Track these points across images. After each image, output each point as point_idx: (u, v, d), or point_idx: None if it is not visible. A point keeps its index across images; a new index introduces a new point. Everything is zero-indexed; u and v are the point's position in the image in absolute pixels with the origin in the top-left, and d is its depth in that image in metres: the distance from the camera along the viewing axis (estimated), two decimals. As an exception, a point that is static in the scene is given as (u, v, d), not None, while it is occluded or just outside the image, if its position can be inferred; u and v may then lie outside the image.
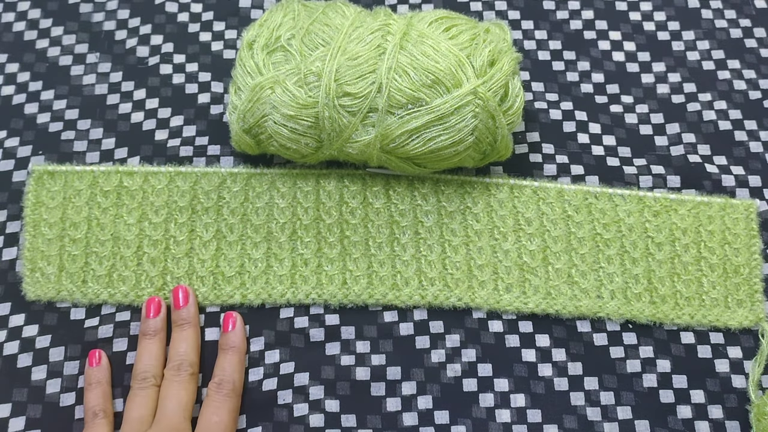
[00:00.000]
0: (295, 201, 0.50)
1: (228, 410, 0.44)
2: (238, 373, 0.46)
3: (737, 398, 0.47)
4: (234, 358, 0.46)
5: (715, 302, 0.49)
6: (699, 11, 0.59)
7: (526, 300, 0.49)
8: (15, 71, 0.55)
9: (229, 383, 0.45)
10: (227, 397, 0.44)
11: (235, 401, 0.45)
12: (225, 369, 0.45)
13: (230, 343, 0.46)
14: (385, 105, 0.45)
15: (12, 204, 0.51)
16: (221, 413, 0.44)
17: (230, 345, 0.46)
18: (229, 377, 0.45)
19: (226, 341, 0.47)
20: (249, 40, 0.47)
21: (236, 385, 0.45)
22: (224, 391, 0.45)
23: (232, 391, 0.45)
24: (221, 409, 0.44)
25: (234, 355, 0.46)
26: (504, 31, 0.48)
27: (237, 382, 0.45)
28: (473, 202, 0.51)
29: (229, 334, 0.47)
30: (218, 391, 0.45)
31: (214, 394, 0.45)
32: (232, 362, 0.46)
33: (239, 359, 0.46)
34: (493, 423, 0.46)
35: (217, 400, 0.44)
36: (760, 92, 0.56)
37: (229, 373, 0.45)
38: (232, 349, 0.46)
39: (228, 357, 0.46)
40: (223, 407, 0.44)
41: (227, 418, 0.44)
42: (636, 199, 0.51)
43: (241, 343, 0.47)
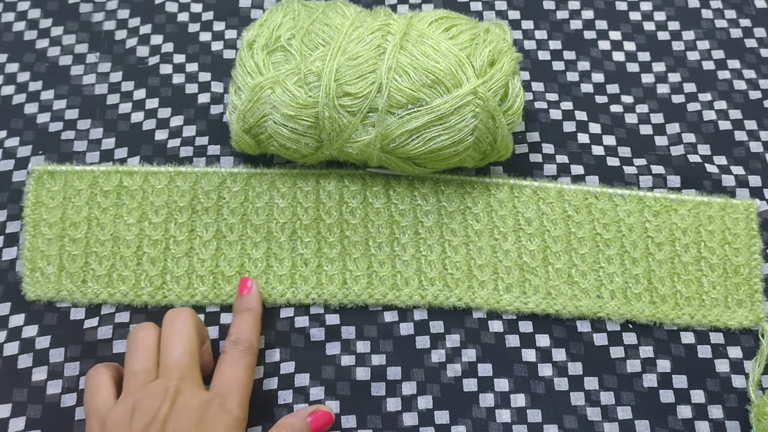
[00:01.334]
0: (295, 201, 0.50)
1: (245, 366, 0.44)
2: (254, 333, 0.45)
3: (737, 398, 0.47)
4: (250, 318, 0.46)
5: (715, 302, 0.49)
6: (699, 11, 0.59)
7: (526, 300, 0.49)
8: (15, 71, 0.55)
9: (245, 341, 0.44)
10: (243, 353, 0.44)
11: (251, 358, 0.44)
12: (241, 329, 0.45)
13: (245, 305, 0.46)
14: (385, 105, 0.45)
15: (12, 204, 0.51)
16: (238, 367, 0.43)
17: (245, 307, 0.46)
18: (246, 336, 0.45)
19: (241, 304, 0.46)
20: (249, 40, 0.47)
21: (252, 344, 0.45)
22: (241, 348, 0.44)
23: (248, 348, 0.44)
24: (238, 364, 0.44)
25: (250, 316, 0.46)
26: (504, 31, 0.48)
27: (254, 341, 0.45)
28: (473, 202, 0.51)
29: (245, 297, 0.47)
30: (234, 347, 0.44)
31: (230, 350, 0.44)
32: (248, 322, 0.46)
33: (255, 320, 0.46)
34: (493, 423, 0.46)
35: (234, 355, 0.44)
36: (760, 92, 0.56)
37: (246, 332, 0.45)
38: (248, 311, 0.46)
39: (244, 317, 0.46)
40: (240, 362, 0.44)
41: (243, 372, 0.43)
42: (636, 199, 0.51)
43: (257, 305, 0.47)
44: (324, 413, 0.45)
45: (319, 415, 0.45)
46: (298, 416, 0.44)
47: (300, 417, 0.44)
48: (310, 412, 0.45)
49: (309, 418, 0.44)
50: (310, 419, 0.44)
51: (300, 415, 0.44)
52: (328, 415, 0.45)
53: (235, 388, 0.43)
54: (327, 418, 0.45)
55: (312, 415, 0.45)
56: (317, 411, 0.45)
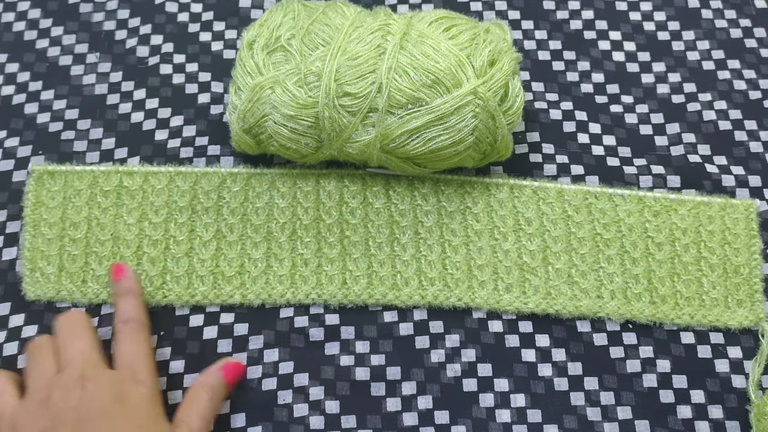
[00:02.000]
0: (295, 201, 0.50)
1: (143, 339, 0.44)
2: (141, 310, 0.46)
3: (737, 398, 0.47)
4: (132, 299, 0.46)
5: (715, 302, 0.49)
6: (699, 11, 0.59)
7: (526, 300, 0.49)
8: (15, 71, 0.55)
9: (135, 319, 0.45)
10: (137, 329, 0.45)
11: (146, 333, 0.45)
12: (127, 309, 0.46)
13: (124, 288, 0.47)
14: (385, 105, 0.45)
15: (12, 204, 0.51)
16: (137, 341, 0.44)
17: (125, 290, 0.47)
18: (134, 314, 0.45)
19: (120, 287, 0.47)
20: (249, 40, 0.47)
21: (143, 320, 0.45)
22: (132, 325, 0.45)
23: (141, 324, 0.45)
24: (135, 338, 0.44)
25: (132, 296, 0.46)
26: (504, 31, 0.48)
27: (143, 318, 0.46)
28: (473, 202, 0.51)
29: (121, 281, 0.47)
30: (126, 325, 0.45)
31: (122, 328, 0.45)
32: (132, 303, 0.46)
33: (138, 300, 0.46)
34: (493, 423, 0.46)
35: (128, 331, 0.44)
36: (760, 92, 0.56)
37: (133, 311, 0.45)
38: (129, 292, 0.46)
39: (126, 299, 0.46)
40: (136, 336, 0.44)
41: (144, 345, 0.44)
42: (636, 199, 0.51)
43: (135, 287, 0.47)
44: (235, 364, 0.46)
45: (231, 367, 0.45)
46: (210, 373, 0.45)
47: (213, 373, 0.45)
48: (221, 366, 0.45)
49: (221, 371, 0.45)
50: (223, 372, 0.45)
51: (212, 371, 0.45)
52: (239, 365, 0.46)
53: (141, 360, 0.43)
54: (239, 368, 0.46)
55: (224, 368, 0.45)
56: (228, 363, 0.46)
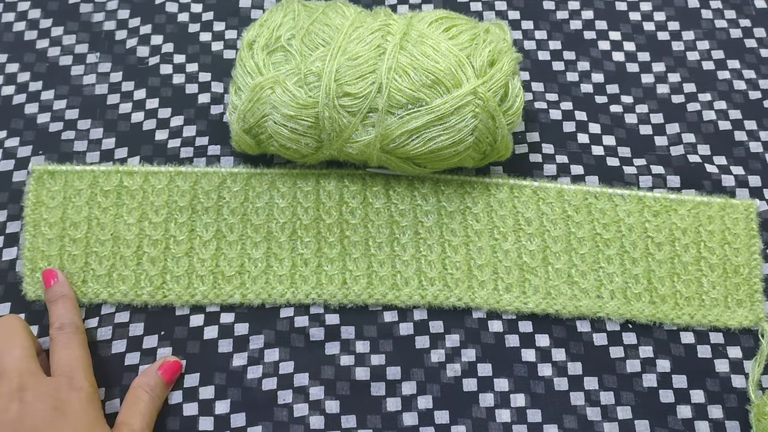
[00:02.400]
0: (295, 201, 0.50)
1: (78, 344, 0.44)
2: (75, 315, 0.46)
3: (737, 398, 0.47)
4: (67, 303, 0.46)
5: (715, 302, 0.49)
6: (699, 11, 0.59)
7: (526, 300, 0.49)
8: (15, 71, 0.55)
9: (70, 324, 0.45)
10: (73, 334, 0.45)
11: (81, 336, 0.45)
12: (62, 314, 0.46)
13: (58, 293, 0.47)
14: (385, 105, 0.45)
15: (12, 204, 0.51)
16: (72, 347, 0.44)
17: (59, 294, 0.47)
18: (69, 320, 0.45)
19: (53, 293, 0.47)
20: (249, 40, 0.47)
21: (78, 325, 0.46)
22: (68, 330, 0.45)
23: (76, 329, 0.45)
24: (71, 344, 0.44)
25: (66, 300, 0.46)
26: (504, 31, 0.48)
27: (78, 322, 0.46)
28: (473, 202, 0.51)
29: (54, 286, 0.47)
30: (61, 331, 0.45)
31: (58, 335, 0.45)
32: (67, 307, 0.46)
33: (72, 304, 0.47)
34: (493, 423, 0.46)
35: (64, 337, 0.44)
36: (760, 92, 0.56)
37: (67, 316, 0.46)
38: (63, 297, 0.47)
39: (60, 304, 0.46)
40: (72, 342, 0.44)
41: (80, 350, 0.44)
42: (636, 199, 0.51)
43: (69, 290, 0.47)
44: (173, 362, 0.46)
45: (169, 366, 0.46)
46: (149, 373, 0.45)
47: (151, 373, 0.45)
48: (158, 366, 0.46)
49: (159, 371, 0.45)
50: (161, 371, 0.45)
51: (151, 372, 0.45)
52: (176, 363, 0.46)
53: (77, 364, 0.43)
54: (176, 366, 0.46)
55: (161, 367, 0.45)
56: (165, 362, 0.46)
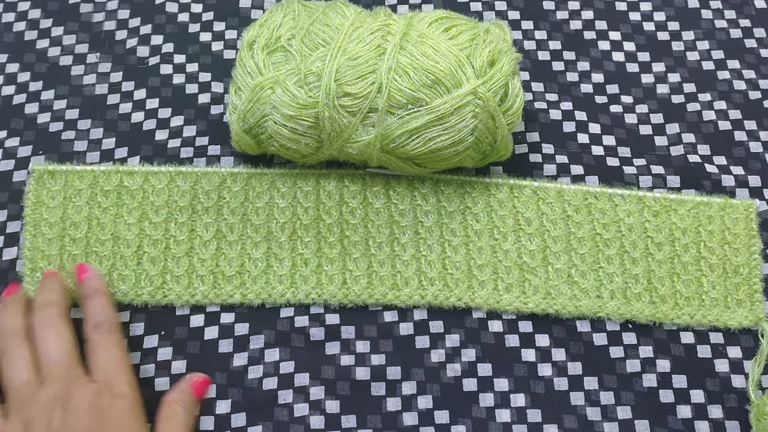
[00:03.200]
0: (295, 201, 0.50)
1: (115, 344, 0.44)
2: (110, 311, 0.45)
3: (737, 398, 0.47)
4: (101, 298, 0.46)
5: (715, 302, 0.49)
6: (699, 11, 0.59)
7: (525, 300, 0.49)
8: (15, 71, 0.55)
9: (105, 322, 0.45)
10: (109, 332, 0.44)
11: (117, 335, 0.45)
12: (97, 311, 0.45)
13: (91, 288, 0.46)
14: (385, 105, 0.45)
15: (12, 204, 0.51)
16: (110, 348, 0.44)
17: (92, 290, 0.46)
18: (104, 317, 0.45)
19: (86, 288, 0.46)
20: (249, 41, 0.47)
21: (114, 322, 0.45)
22: (104, 329, 0.44)
23: (112, 326, 0.45)
24: (108, 345, 0.44)
25: (100, 296, 0.46)
26: (504, 31, 0.48)
27: (113, 319, 0.45)
28: (473, 202, 0.51)
29: (86, 281, 0.47)
30: (98, 330, 0.44)
31: (94, 334, 0.44)
32: (101, 303, 0.46)
33: (106, 300, 0.46)
34: (493, 423, 0.46)
35: (100, 338, 0.44)
36: (760, 92, 0.56)
37: (103, 313, 0.45)
38: (95, 292, 0.46)
39: (95, 300, 0.46)
40: (110, 342, 0.44)
41: (117, 351, 0.44)
42: (636, 199, 0.51)
43: (102, 286, 0.47)
44: (203, 380, 0.46)
45: (199, 382, 0.46)
46: (180, 389, 0.45)
47: (183, 390, 0.45)
48: (189, 384, 0.45)
49: (190, 387, 0.45)
50: (192, 388, 0.45)
51: (182, 388, 0.45)
52: (206, 380, 0.46)
53: (117, 369, 0.43)
54: (206, 383, 0.46)
55: (192, 384, 0.45)
56: (194, 378, 0.46)
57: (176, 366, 0.47)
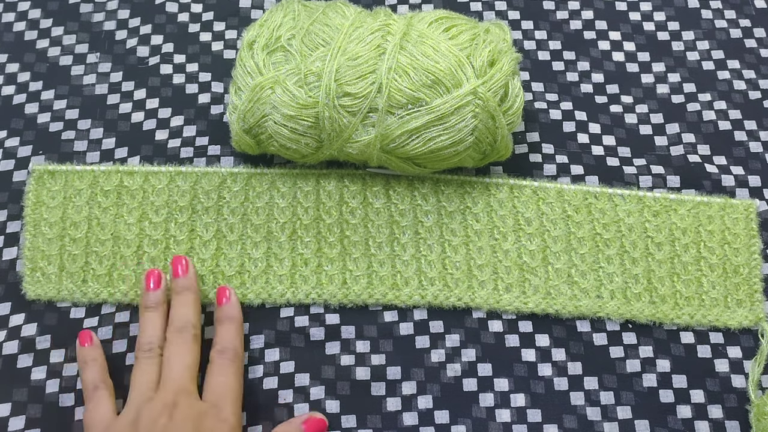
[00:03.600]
0: (295, 201, 0.50)
1: (233, 373, 0.44)
2: (238, 340, 0.46)
3: (737, 398, 0.47)
4: (232, 327, 0.46)
5: (715, 302, 0.49)
6: (699, 11, 0.59)
7: (525, 300, 0.49)
8: (15, 71, 0.55)
9: (231, 350, 0.45)
10: (231, 360, 0.45)
11: (238, 365, 0.45)
12: (225, 338, 0.45)
13: (227, 314, 0.47)
14: (385, 105, 0.45)
15: (12, 204, 0.51)
16: (227, 375, 0.44)
17: (227, 316, 0.46)
18: (230, 344, 0.45)
19: (222, 313, 0.47)
20: (249, 40, 0.47)
21: (238, 351, 0.45)
22: (227, 356, 0.45)
23: (235, 356, 0.45)
24: (227, 372, 0.44)
25: (232, 324, 0.46)
26: (504, 31, 0.48)
27: (239, 349, 0.45)
28: (473, 202, 0.51)
29: (225, 306, 0.47)
30: (221, 355, 0.45)
31: (217, 359, 0.45)
32: (231, 331, 0.46)
33: (237, 328, 0.46)
34: (493, 423, 0.46)
35: (222, 363, 0.44)
36: (760, 92, 0.56)
37: (230, 340, 0.45)
38: (229, 319, 0.46)
39: (226, 326, 0.46)
40: (229, 369, 0.44)
41: (233, 379, 0.44)
42: (636, 199, 0.51)
43: (238, 314, 0.47)
44: (319, 420, 0.45)
45: (314, 422, 0.45)
46: (293, 424, 0.45)
47: (295, 425, 0.44)
48: (304, 420, 0.45)
49: (304, 425, 0.44)
50: (305, 426, 0.44)
51: (295, 423, 0.45)
52: (322, 422, 0.45)
53: (227, 395, 0.43)
54: (322, 424, 0.45)
55: (306, 422, 0.45)
56: (312, 418, 0.45)
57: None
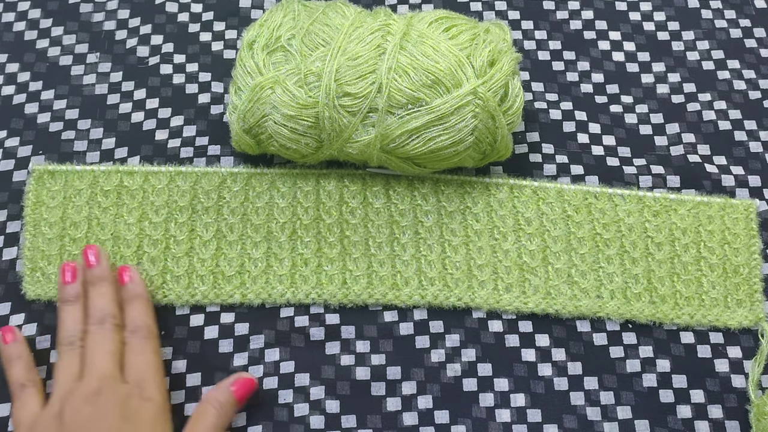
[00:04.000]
0: (295, 201, 0.50)
1: (150, 350, 0.44)
2: (149, 317, 0.46)
3: (737, 398, 0.47)
4: (140, 304, 0.46)
5: (715, 302, 0.49)
6: (699, 11, 0.59)
7: (525, 300, 0.49)
8: (15, 71, 0.55)
9: (143, 327, 0.45)
10: (146, 338, 0.45)
11: (154, 342, 0.45)
12: (135, 317, 0.45)
13: (132, 293, 0.46)
14: (385, 105, 0.45)
15: (12, 203, 0.51)
16: (144, 351, 0.44)
17: (133, 294, 0.46)
18: (142, 323, 0.45)
19: (127, 292, 0.46)
20: (249, 40, 0.47)
21: (151, 329, 0.45)
22: (141, 333, 0.45)
23: (149, 332, 0.45)
24: (144, 350, 0.44)
25: (140, 302, 0.46)
26: (504, 31, 0.48)
27: (151, 326, 0.46)
28: (473, 202, 0.51)
29: (128, 286, 0.47)
30: (135, 335, 0.45)
31: (131, 338, 0.45)
32: (140, 309, 0.46)
33: (146, 305, 0.46)
34: (493, 423, 0.46)
35: (137, 342, 0.44)
36: (760, 92, 0.56)
37: (140, 318, 0.45)
38: (137, 298, 0.46)
39: (135, 305, 0.46)
40: (146, 347, 0.44)
41: (151, 356, 0.44)
42: (636, 199, 0.51)
43: (143, 291, 0.47)
44: (247, 380, 0.45)
45: (243, 383, 0.45)
46: (221, 387, 0.45)
47: (224, 388, 0.45)
48: (232, 381, 0.45)
49: (232, 387, 0.45)
50: (234, 389, 0.44)
51: (223, 386, 0.45)
52: (250, 381, 0.45)
53: (149, 374, 0.43)
54: (250, 384, 0.45)
55: (235, 384, 0.45)
56: (240, 379, 0.45)
57: (176, 366, 0.47)
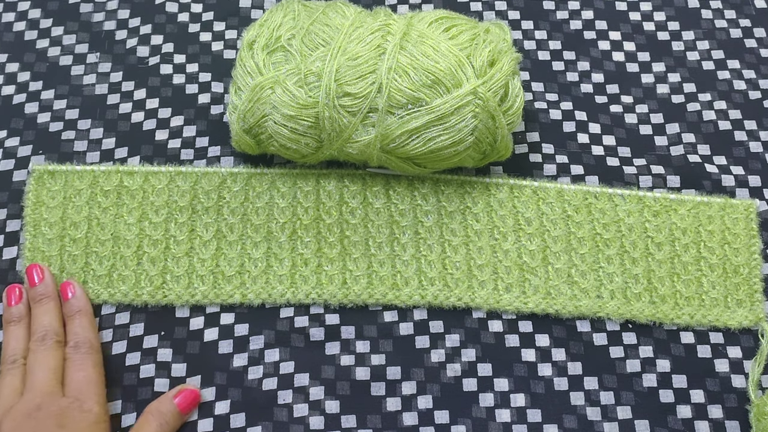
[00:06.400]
0: (295, 201, 0.50)
1: (92, 365, 0.45)
2: (91, 332, 0.46)
3: (737, 398, 0.47)
4: (83, 320, 0.46)
5: (715, 302, 0.49)
6: (699, 11, 0.59)
7: (525, 300, 0.49)
8: (15, 71, 0.55)
9: (85, 343, 0.45)
10: (87, 354, 0.45)
11: (96, 356, 0.45)
12: (77, 332, 0.46)
13: (74, 307, 0.47)
14: (385, 105, 0.45)
15: (12, 203, 0.51)
16: (86, 368, 0.44)
17: (76, 309, 0.47)
18: (84, 338, 0.45)
19: (70, 307, 0.47)
20: (249, 40, 0.47)
21: (93, 343, 0.46)
22: (83, 350, 0.45)
23: (91, 348, 0.45)
24: (85, 365, 0.44)
25: (82, 317, 0.46)
26: (504, 31, 0.48)
27: (93, 341, 0.46)
28: (473, 202, 0.51)
29: (71, 300, 0.47)
30: (76, 351, 0.45)
31: (73, 355, 0.45)
32: (82, 324, 0.46)
33: (88, 320, 0.47)
34: (493, 423, 0.46)
35: (78, 358, 0.45)
36: (760, 92, 0.56)
37: (83, 334, 0.46)
38: (78, 312, 0.47)
39: (77, 321, 0.46)
40: (86, 363, 0.45)
41: (93, 372, 0.44)
42: (636, 199, 0.51)
43: (86, 305, 0.47)
44: (190, 391, 0.45)
45: (186, 394, 0.45)
46: (164, 399, 0.45)
47: (167, 400, 0.45)
48: (175, 393, 0.45)
49: (176, 399, 0.45)
50: (177, 400, 0.45)
51: (166, 398, 0.45)
52: (194, 392, 0.46)
53: (89, 388, 0.44)
54: (193, 395, 0.45)
55: (178, 395, 0.45)
56: (183, 390, 0.45)
57: (176, 367, 0.47)
